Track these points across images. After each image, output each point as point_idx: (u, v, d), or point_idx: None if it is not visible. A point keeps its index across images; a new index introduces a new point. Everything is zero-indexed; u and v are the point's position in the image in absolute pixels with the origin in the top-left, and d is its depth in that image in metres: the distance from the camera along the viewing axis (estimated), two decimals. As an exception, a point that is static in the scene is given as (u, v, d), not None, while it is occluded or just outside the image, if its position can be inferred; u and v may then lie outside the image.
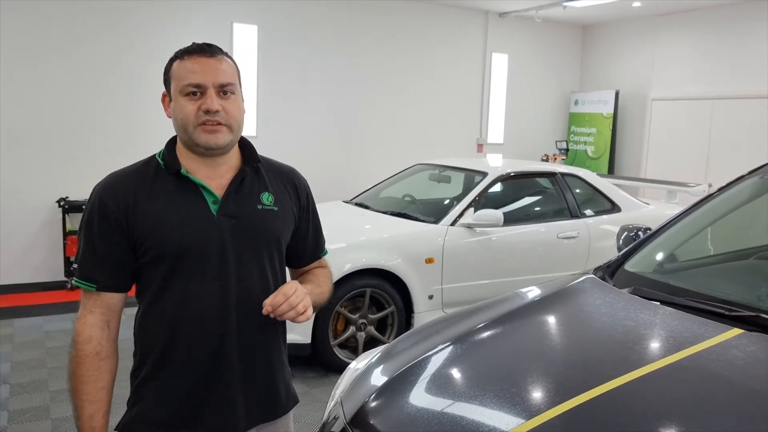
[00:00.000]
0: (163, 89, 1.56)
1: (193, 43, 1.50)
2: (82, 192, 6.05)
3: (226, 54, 1.51)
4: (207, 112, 1.44)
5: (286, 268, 1.69)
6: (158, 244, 1.45)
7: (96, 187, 1.52)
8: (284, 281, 1.62)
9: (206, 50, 1.47)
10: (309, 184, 1.72)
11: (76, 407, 1.46)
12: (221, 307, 1.48)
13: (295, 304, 1.42)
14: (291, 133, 7.20)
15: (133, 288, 1.55)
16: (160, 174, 1.50)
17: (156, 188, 1.48)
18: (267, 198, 1.55)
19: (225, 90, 1.46)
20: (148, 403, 1.51)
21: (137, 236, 1.46)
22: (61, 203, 5.92)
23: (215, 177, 1.51)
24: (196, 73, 1.44)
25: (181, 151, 1.53)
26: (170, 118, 1.51)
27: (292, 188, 1.64)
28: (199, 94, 1.45)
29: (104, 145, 6.18)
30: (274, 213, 1.56)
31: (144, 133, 6.26)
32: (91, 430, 1.45)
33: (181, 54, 1.48)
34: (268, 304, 1.42)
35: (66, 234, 5.96)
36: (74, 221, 6.06)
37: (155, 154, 1.55)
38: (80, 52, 6.06)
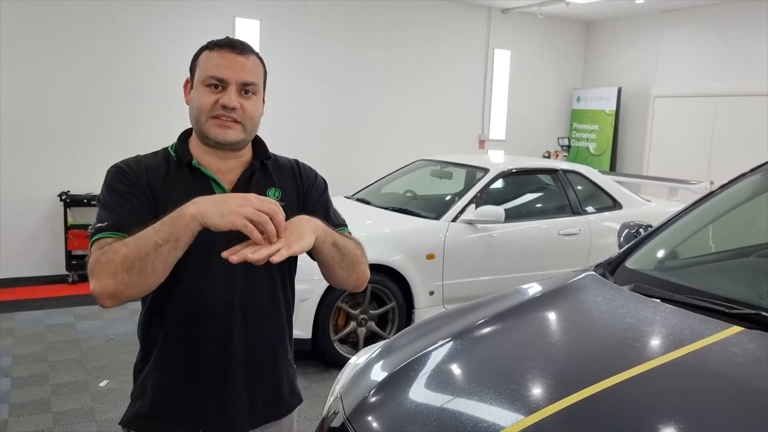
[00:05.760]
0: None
1: (227, 37, 1.50)
2: (83, 186, 6.05)
3: (256, 54, 1.51)
4: (224, 107, 1.43)
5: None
6: None
7: (110, 167, 1.48)
8: (292, 279, 1.62)
9: (237, 46, 1.47)
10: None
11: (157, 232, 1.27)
12: (226, 302, 1.47)
13: (255, 246, 1.26)
14: (293, 128, 7.20)
15: None
16: (172, 165, 1.49)
17: (168, 179, 1.47)
18: (274, 193, 1.55)
19: (247, 89, 1.46)
20: (151, 398, 1.50)
21: (153, 212, 1.40)
22: (63, 197, 5.93)
23: (226, 171, 1.51)
24: (221, 66, 1.44)
25: (194, 142, 1.52)
26: (188, 104, 1.51)
27: (299, 178, 1.62)
28: (220, 87, 1.45)
29: (106, 139, 6.18)
30: (281, 208, 1.55)
31: (147, 127, 6.26)
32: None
33: (212, 45, 1.48)
34: (227, 251, 1.26)
35: (67, 228, 5.96)
36: (76, 215, 6.07)
37: (167, 147, 1.55)
38: (82, 46, 6.06)
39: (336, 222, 1.61)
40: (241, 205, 1.26)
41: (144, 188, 1.44)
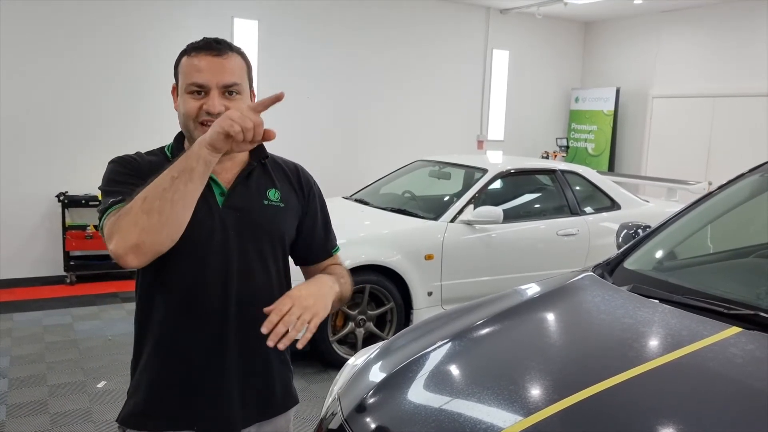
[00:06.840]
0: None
1: (203, 38, 1.48)
2: (81, 187, 6.05)
3: (236, 50, 1.49)
4: (209, 113, 1.42)
5: (299, 269, 1.67)
6: None
7: (110, 161, 1.49)
8: (288, 279, 1.61)
9: (214, 47, 1.44)
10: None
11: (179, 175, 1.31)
12: (221, 300, 1.47)
13: (290, 323, 1.33)
14: (291, 129, 7.18)
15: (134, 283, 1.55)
16: (169, 165, 1.49)
17: None
18: (273, 194, 1.55)
19: (230, 90, 1.44)
20: (146, 395, 1.51)
21: None
22: (61, 198, 5.92)
23: (222, 171, 1.50)
24: (201, 72, 1.42)
25: (188, 145, 1.52)
26: (177, 111, 1.50)
27: (297, 184, 1.63)
28: (203, 93, 1.43)
29: (104, 140, 6.17)
30: (280, 209, 1.55)
31: (145, 127, 6.25)
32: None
33: (190, 50, 1.46)
34: (265, 325, 1.33)
35: (65, 228, 5.95)
36: (74, 216, 6.06)
37: (164, 147, 1.55)
38: (81, 46, 6.06)
39: (332, 244, 1.70)
40: (232, 112, 1.30)
41: (148, 177, 1.43)
